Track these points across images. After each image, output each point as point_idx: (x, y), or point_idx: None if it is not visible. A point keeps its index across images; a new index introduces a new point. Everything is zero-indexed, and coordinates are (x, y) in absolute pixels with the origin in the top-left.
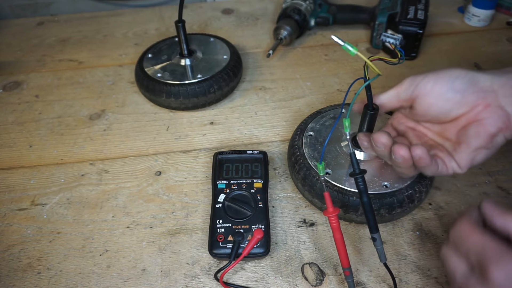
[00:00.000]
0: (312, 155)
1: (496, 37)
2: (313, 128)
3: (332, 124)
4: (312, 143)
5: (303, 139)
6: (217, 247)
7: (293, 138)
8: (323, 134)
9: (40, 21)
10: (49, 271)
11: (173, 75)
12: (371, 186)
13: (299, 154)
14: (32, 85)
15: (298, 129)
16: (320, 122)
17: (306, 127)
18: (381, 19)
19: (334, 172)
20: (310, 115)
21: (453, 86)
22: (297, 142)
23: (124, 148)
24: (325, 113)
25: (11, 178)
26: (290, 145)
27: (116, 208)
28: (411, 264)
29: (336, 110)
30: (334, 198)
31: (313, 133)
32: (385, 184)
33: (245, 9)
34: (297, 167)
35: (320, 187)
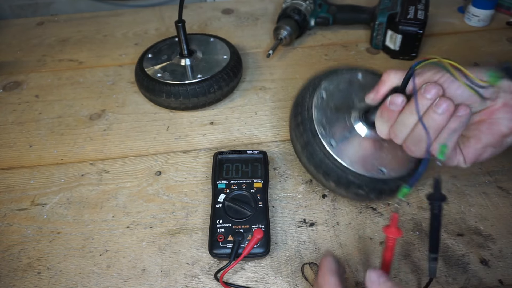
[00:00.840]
0: (320, 120)
1: (496, 37)
2: (326, 88)
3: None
4: (323, 107)
5: (314, 99)
6: (217, 247)
7: (303, 96)
8: (335, 98)
9: (40, 21)
10: (49, 271)
11: (173, 75)
12: (367, 168)
13: (307, 116)
14: (32, 85)
15: (310, 86)
16: (334, 83)
17: (319, 85)
18: (381, 19)
19: (338, 145)
20: (325, 72)
21: (468, 77)
22: (307, 102)
23: (124, 148)
24: (341, 74)
25: (11, 178)
26: (298, 102)
27: (116, 208)
28: (411, 264)
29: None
30: (331, 172)
31: (325, 95)
32: (382, 169)
33: (245, 9)
34: (301, 129)
35: (322, 159)
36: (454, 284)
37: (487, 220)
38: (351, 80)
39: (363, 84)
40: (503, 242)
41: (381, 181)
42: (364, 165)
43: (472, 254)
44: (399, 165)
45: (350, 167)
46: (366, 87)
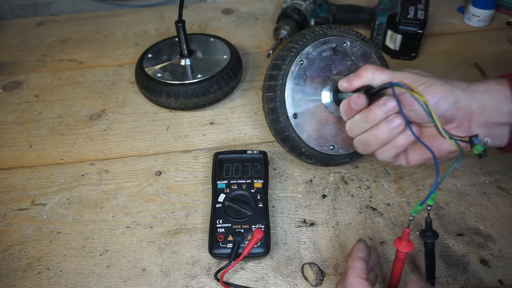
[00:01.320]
0: (292, 89)
1: (496, 37)
2: (308, 55)
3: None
4: (299, 74)
5: (293, 65)
6: (217, 247)
7: (282, 58)
8: (314, 66)
9: (40, 21)
10: (49, 271)
11: (173, 75)
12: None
13: (280, 83)
14: (32, 85)
15: (293, 48)
16: (318, 50)
17: (302, 50)
18: (381, 19)
19: (300, 117)
20: (313, 35)
21: (438, 105)
22: (285, 67)
23: (124, 148)
24: (329, 40)
25: (11, 178)
26: (276, 65)
27: (116, 208)
28: (411, 264)
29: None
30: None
31: (305, 62)
32: (333, 146)
33: (245, 9)
34: (271, 95)
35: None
36: (454, 284)
37: (487, 220)
38: (337, 48)
39: (347, 54)
40: (503, 242)
41: (329, 156)
42: (318, 140)
43: (472, 254)
44: (350, 144)
45: (306, 141)
46: (349, 57)
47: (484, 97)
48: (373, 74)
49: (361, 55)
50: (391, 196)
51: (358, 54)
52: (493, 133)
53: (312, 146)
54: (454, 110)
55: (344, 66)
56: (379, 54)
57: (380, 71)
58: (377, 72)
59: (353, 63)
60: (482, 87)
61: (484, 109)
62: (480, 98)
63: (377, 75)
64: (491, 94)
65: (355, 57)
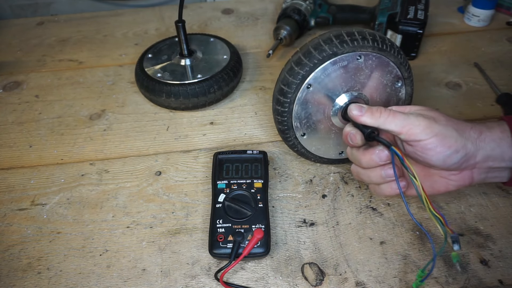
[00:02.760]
0: (299, 115)
1: (496, 37)
2: (316, 79)
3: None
4: (306, 99)
5: (299, 93)
6: (217, 247)
7: (288, 83)
8: (324, 88)
9: (40, 21)
10: (49, 271)
11: (173, 75)
12: (329, 153)
13: (287, 110)
14: (32, 85)
15: (298, 73)
16: (328, 71)
17: (308, 76)
18: (381, 19)
19: (309, 135)
20: (321, 58)
21: (446, 159)
22: (291, 95)
23: (124, 148)
24: (340, 59)
25: (11, 178)
26: (282, 91)
27: (116, 208)
28: (411, 264)
29: (358, 55)
30: (301, 153)
31: (313, 85)
32: (342, 152)
33: (245, 9)
34: (279, 118)
35: (293, 145)
36: (454, 284)
37: (487, 220)
38: (348, 65)
39: (360, 69)
40: (503, 242)
41: (337, 160)
42: (327, 151)
43: (472, 254)
44: None
45: (315, 153)
46: (362, 72)
47: (489, 147)
48: (385, 120)
49: (376, 66)
50: (391, 196)
51: (373, 66)
52: (492, 175)
53: (320, 156)
54: (461, 162)
55: (355, 81)
56: (399, 60)
57: (393, 116)
58: (390, 118)
59: (366, 76)
60: (488, 137)
61: (488, 158)
62: (486, 148)
63: (389, 121)
64: (495, 144)
65: (369, 70)
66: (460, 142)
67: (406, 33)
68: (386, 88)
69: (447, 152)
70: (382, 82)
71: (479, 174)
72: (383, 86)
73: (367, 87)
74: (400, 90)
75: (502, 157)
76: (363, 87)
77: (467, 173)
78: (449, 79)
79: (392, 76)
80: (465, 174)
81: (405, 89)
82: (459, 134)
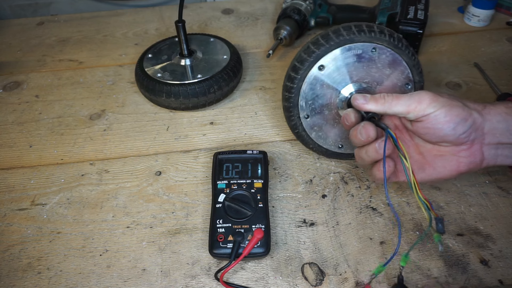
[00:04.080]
0: (306, 94)
1: (496, 37)
2: (329, 61)
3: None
4: (316, 80)
5: (311, 71)
6: (217, 247)
7: (302, 61)
8: (335, 72)
9: (40, 21)
10: (49, 271)
11: (173, 75)
12: (329, 142)
13: (296, 86)
14: (32, 85)
15: (313, 52)
16: (341, 56)
17: (322, 56)
18: (381, 19)
19: (312, 118)
20: (338, 40)
21: (456, 127)
22: (302, 71)
23: (124, 148)
24: (355, 46)
25: (11, 178)
26: (295, 67)
27: (116, 208)
28: (411, 264)
29: (374, 46)
30: (299, 136)
31: (324, 68)
32: (341, 145)
33: (245, 9)
34: (287, 94)
35: (295, 126)
36: (454, 284)
37: (487, 220)
38: (362, 55)
39: (373, 61)
40: (503, 242)
41: (336, 153)
42: (327, 139)
43: (472, 254)
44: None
45: (314, 139)
46: (374, 65)
47: (495, 119)
48: (390, 104)
49: (389, 63)
50: (391, 196)
51: (385, 62)
52: (503, 153)
53: (319, 144)
54: (470, 132)
55: (366, 73)
56: (412, 61)
57: (397, 99)
58: (394, 101)
59: (378, 70)
60: (493, 110)
61: (496, 131)
62: (492, 120)
63: (394, 104)
64: (501, 117)
65: (382, 64)
66: (467, 111)
67: (406, 33)
68: (395, 88)
69: (456, 120)
70: (392, 81)
71: (489, 150)
72: (392, 84)
73: (377, 82)
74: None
75: (509, 130)
76: (372, 81)
77: (477, 148)
78: (449, 79)
79: (403, 76)
80: (475, 150)
81: None
82: (464, 104)
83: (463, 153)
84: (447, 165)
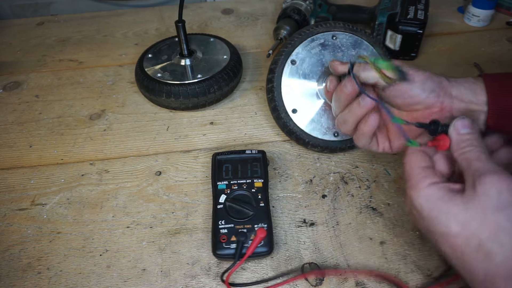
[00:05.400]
0: (288, 90)
1: (496, 37)
2: (298, 54)
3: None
4: (292, 74)
5: (285, 67)
6: (220, 248)
7: (275, 61)
8: (306, 63)
9: (40, 21)
10: (49, 271)
11: (173, 75)
12: (323, 131)
13: (275, 85)
14: (32, 85)
15: (283, 50)
16: (307, 48)
17: (291, 52)
18: (381, 19)
19: (300, 111)
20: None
21: (424, 85)
22: (277, 69)
23: (124, 148)
24: (316, 38)
25: (11, 178)
26: (270, 70)
27: (116, 208)
28: (411, 264)
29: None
30: (292, 133)
31: (296, 61)
32: (336, 132)
33: (245, 9)
34: (270, 95)
35: (285, 123)
36: (454, 284)
37: None
38: (325, 43)
39: (337, 46)
40: None
41: (334, 142)
42: (320, 129)
43: None
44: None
45: (308, 132)
46: (339, 49)
47: (463, 87)
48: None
49: (352, 44)
50: (391, 196)
51: (348, 44)
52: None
53: (315, 135)
54: (439, 91)
55: (335, 57)
56: (372, 39)
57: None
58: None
59: (344, 53)
60: (461, 79)
61: (463, 98)
62: (459, 87)
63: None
64: (468, 85)
65: (345, 47)
66: (434, 74)
67: (406, 33)
68: None
69: (423, 79)
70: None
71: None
72: None
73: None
74: None
75: (476, 99)
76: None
77: (447, 111)
78: None
79: (368, 52)
80: (446, 113)
81: None
82: (431, 73)
83: (434, 115)
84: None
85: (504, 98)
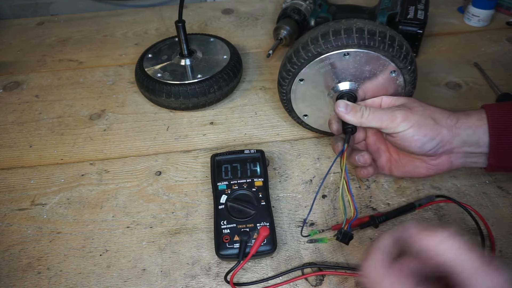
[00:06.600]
0: (298, 100)
1: (496, 37)
2: (306, 74)
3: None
4: (301, 90)
5: (293, 85)
6: (224, 248)
7: (283, 78)
8: (315, 81)
9: (40, 21)
10: (49, 271)
11: (173, 75)
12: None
13: (285, 98)
14: (32, 85)
15: (290, 70)
16: (316, 68)
17: (298, 73)
18: (381, 19)
19: (311, 116)
20: (307, 57)
21: (423, 146)
22: (286, 86)
23: (124, 148)
24: (326, 58)
25: (11, 178)
26: (279, 83)
27: (116, 208)
28: None
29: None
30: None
31: (304, 80)
32: None
33: (245, 9)
34: (283, 103)
35: (299, 123)
36: None
37: (487, 220)
38: (335, 63)
39: (349, 63)
40: (503, 242)
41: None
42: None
43: None
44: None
45: (320, 129)
46: (351, 66)
47: (465, 134)
48: (366, 119)
49: (366, 61)
50: (391, 196)
51: (362, 61)
52: (471, 160)
53: (323, 130)
54: (437, 148)
55: (347, 73)
56: (390, 53)
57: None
58: (370, 116)
59: (357, 69)
60: (465, 124)
61: (465, 144)
62: (462, 135)
63: (370, 120)
64: (471, 130)
65: (359, 64)
66: (436, 130)
67: (406, 33)
68: (380, 77)
69: (423, 140)
70: (375, 74)
71: (457, 159)
72: (376, 76)
73: (360, 78)
74: (397, 78)
75: (477, 143)
76: (355, 78)
77: (445, 157)
78: (449, 79)
79: (385, 67)
80: (444, 159)
81: (402, 77)
82: (435, 122)
83: (432, 162)
84: (417, 169)
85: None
